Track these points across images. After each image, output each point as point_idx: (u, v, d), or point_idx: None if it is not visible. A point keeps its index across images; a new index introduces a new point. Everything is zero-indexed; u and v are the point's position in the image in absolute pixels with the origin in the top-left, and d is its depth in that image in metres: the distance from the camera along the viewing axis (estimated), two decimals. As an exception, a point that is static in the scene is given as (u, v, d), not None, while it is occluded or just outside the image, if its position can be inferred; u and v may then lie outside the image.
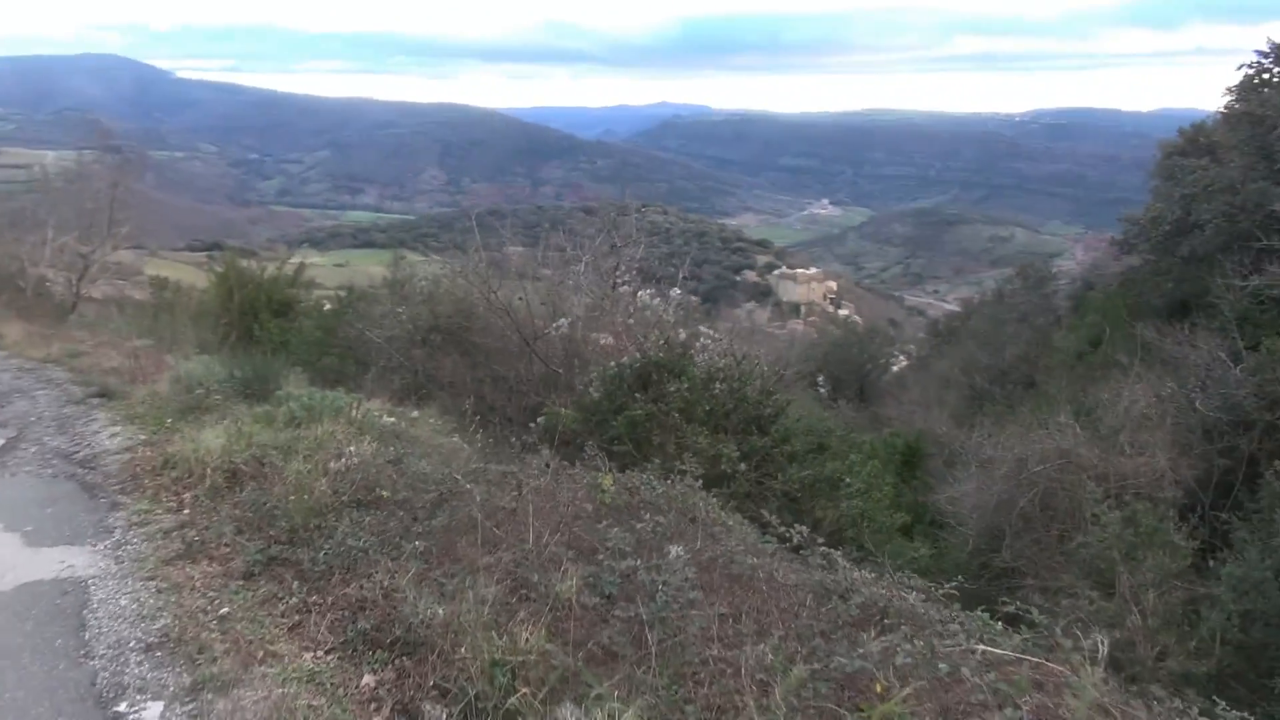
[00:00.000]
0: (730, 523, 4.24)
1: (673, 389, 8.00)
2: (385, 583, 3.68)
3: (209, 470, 5.62)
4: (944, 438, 16.11)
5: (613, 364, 8.39)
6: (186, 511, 5.18)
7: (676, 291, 9.85)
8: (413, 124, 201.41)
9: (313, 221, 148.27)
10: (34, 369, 10.09)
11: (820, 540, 4.10)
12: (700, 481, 5.53)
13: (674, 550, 3.46)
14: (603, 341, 9.56)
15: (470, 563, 3.64)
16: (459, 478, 4.29)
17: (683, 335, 8.94)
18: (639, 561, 3.46)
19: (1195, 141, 30.92)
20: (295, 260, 17.76)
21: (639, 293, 9.45)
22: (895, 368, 34.00)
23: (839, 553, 3.78)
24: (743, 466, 7.86)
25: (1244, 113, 17.11)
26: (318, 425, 6.34)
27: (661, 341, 8.53)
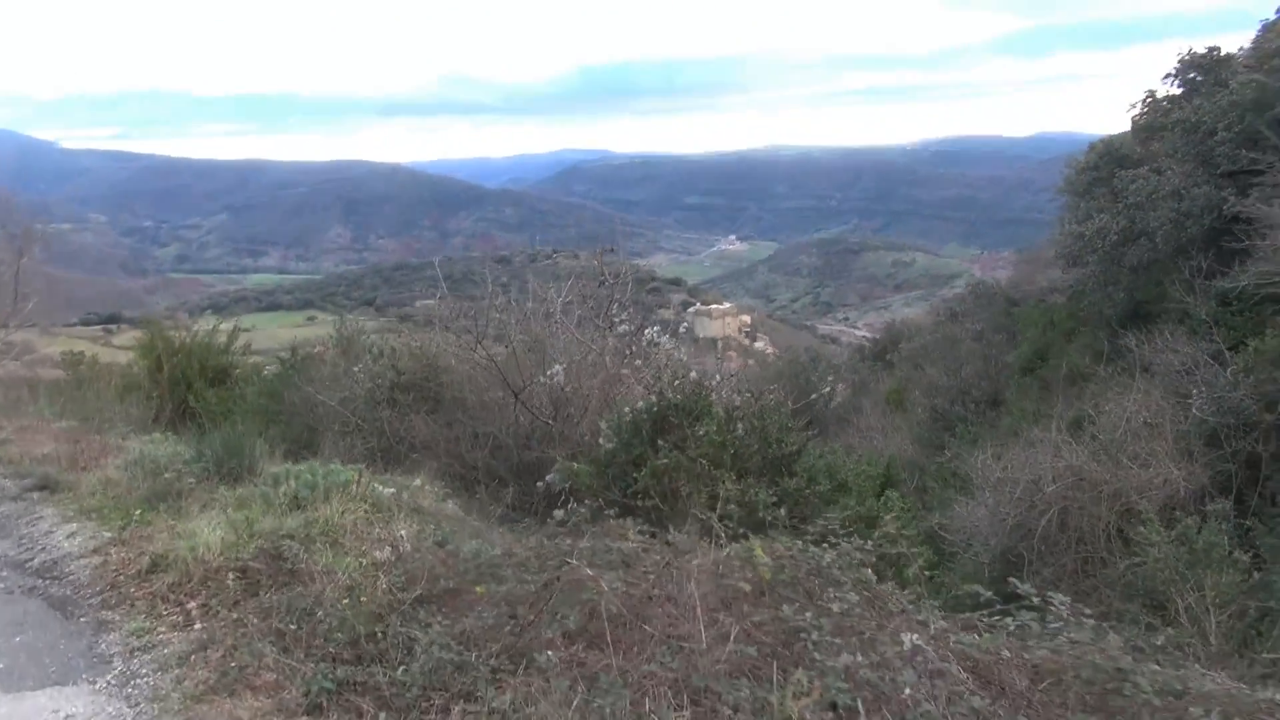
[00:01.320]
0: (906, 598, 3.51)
1: (701, 433, 7.28)
2: (515, 707, 2.85)
3: (213, 571, 4.68)
4: (922, 461, 15.69)
5: (627, 410, 7.63)
6: (199, 626, 4.23)
7: (651, 330, 9.18)
8: (313, 182, 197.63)
9: (214, 287, 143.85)
10: (-50, 463, 8.84)
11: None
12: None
13: (908, 639, 2.73)
14: (625, 387, 8.80)
15: (625, 674, 2.86)
16: (573, 560, 3.49)
17: (693, 374, 8.25)
18: (859, 657, 2.73)
19: (1107, 156, 31.96)
20: (226, 325, 16.52)
21: (645, 330, 8.75)
22: (837, 395, 33.83)
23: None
24: (782, 512, 7.17)
25: (1179, 121, 17.38)
26: (325, 505, 5.44)
27: (676, 381, 7.82)
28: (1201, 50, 19.40)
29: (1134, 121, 30.96)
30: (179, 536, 5.11)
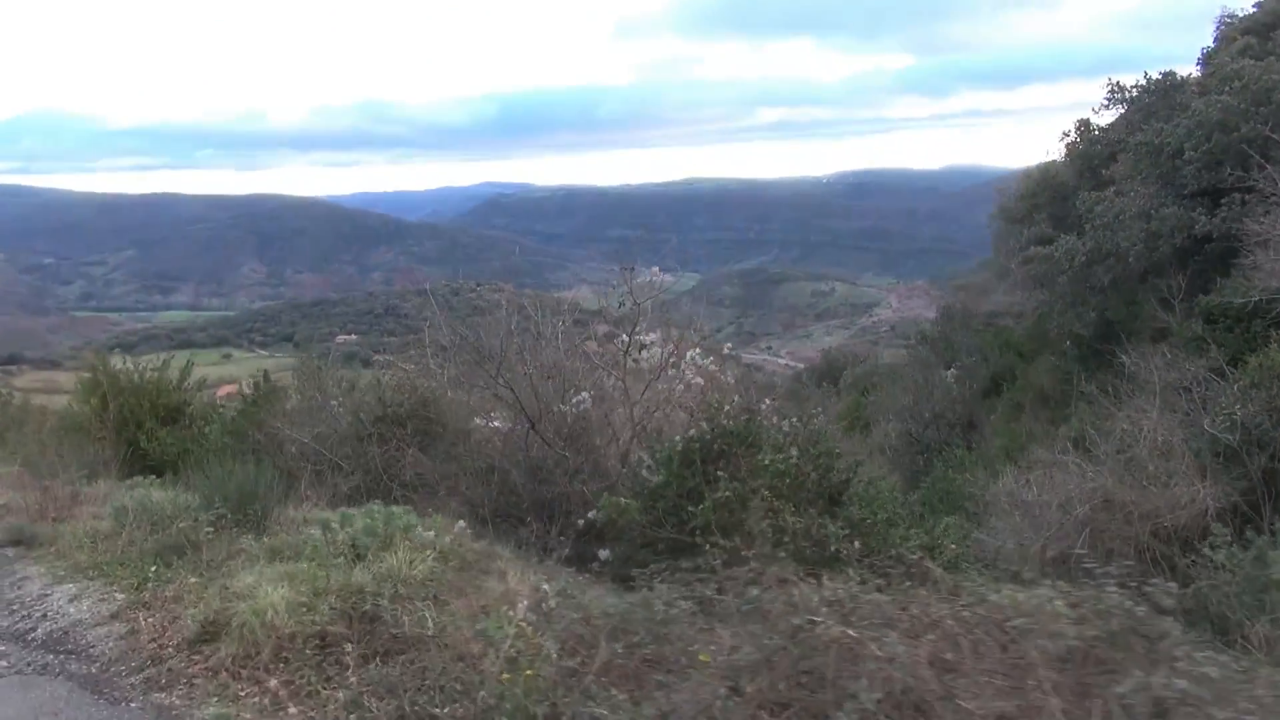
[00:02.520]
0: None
1: (766, 461, 6.69)
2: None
3: (286, 638, 3.91)
4: (903, 484, 15.37)
5: (677, 439, 7.01)
6: (294, 710, 3.46)
7: (693, 354, 8.58)
8: (226, 217, 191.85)
9: (122, 325, 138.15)
10: (-105, 517, 7.75)
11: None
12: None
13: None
14: (662, 414, 8.15)
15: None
16: (818, 619, 2.85)
17: (735, 399, 7.67)
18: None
19: (1044, 183, 32.66)
20: (179, 360, 15.34)
21: (689, 353, 8.15)
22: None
23: None
24: (856, 545, 6.63)
25: (1141, 143, 17.60)
26: (390, 554, 4.69)
27: (725, 407, 7.23)
28: (1155, 75, 19.79)
29: (1068, 149, 31.78)
30: (234, 597, 4.30)
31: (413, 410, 10.84)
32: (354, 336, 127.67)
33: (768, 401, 7.46)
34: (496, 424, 9.84)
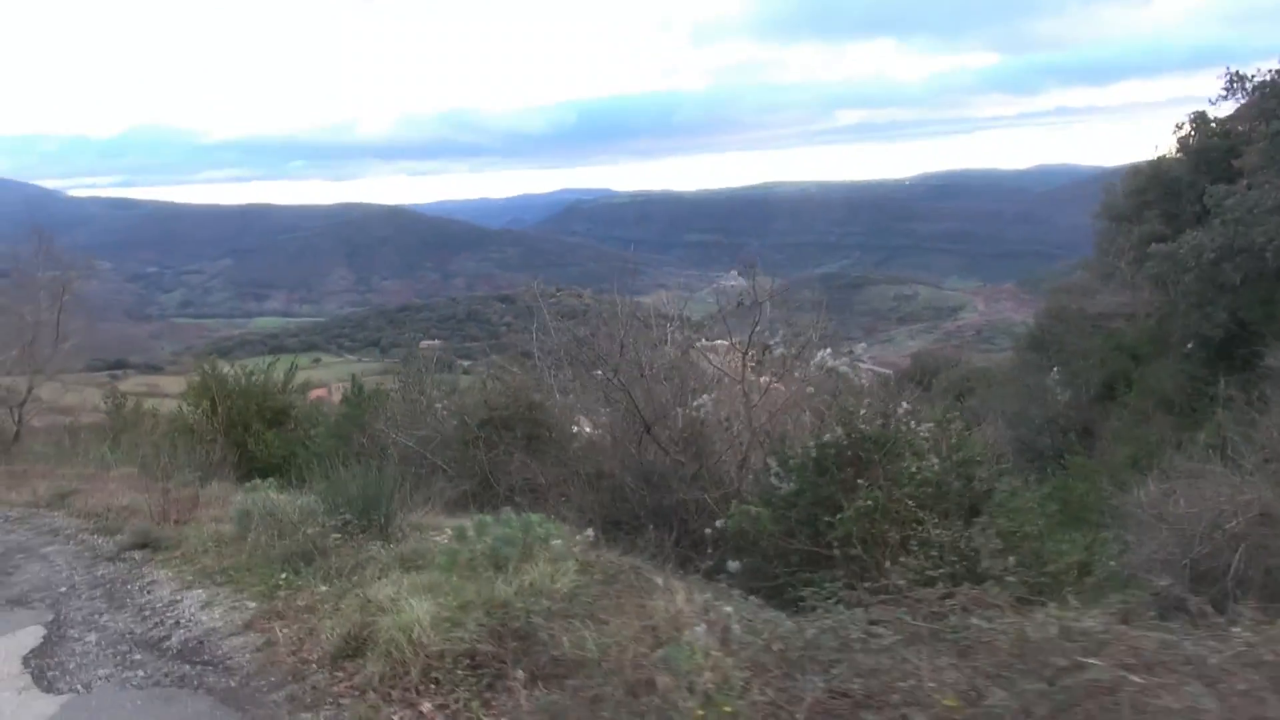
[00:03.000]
0: None
1: (914, 469, 6.26)
2: None
3: (434, 656, 3.65)
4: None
5: (811, 445, 6.62)
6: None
7: (822, 354, 8.16)
8: (316, 226, 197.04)
9: (219, 331, 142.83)
10: (23, 517, 7.85)
11: None
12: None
13: None
14: (791, 418, 7.78)
15: None
16: (1091, 660, 2.47)
17: (867, 402, 7.24)
18: None
19: (1155, 179, 31.22)
20: (283, 362, 15.51)
21: (820, 354, 7.77)
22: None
23: None
24: (1011, 561, 6.16)
25: (1277, 133, 16.54)
26: (532, 566, 4.41)
27: (860, 411, 6.82)
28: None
29: (1182, 143, 30.32)
30: (374, 610, 4.06)
31: (519, 414, 10.67)
32: (438, 341, 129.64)
33: (905, 405, 7.01)
34: (604, 430, 9.60)
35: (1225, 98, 28.34)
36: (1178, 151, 30.89)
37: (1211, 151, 28.38)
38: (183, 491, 7.92)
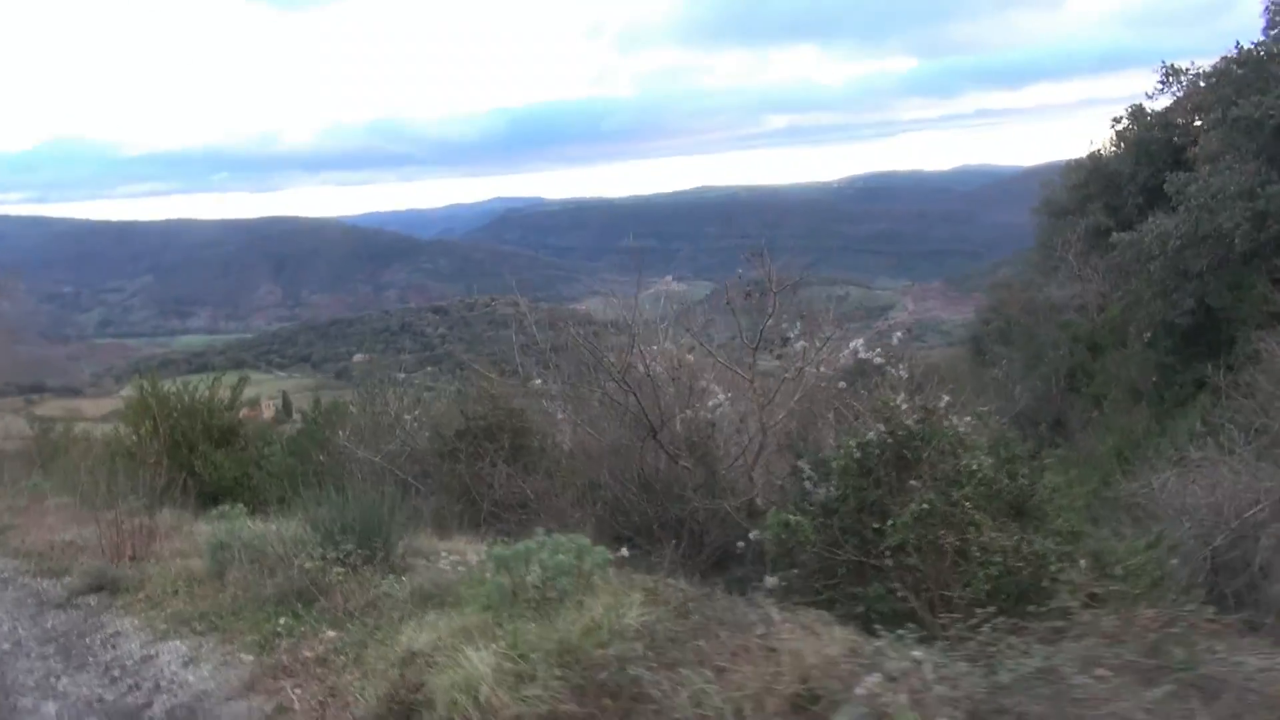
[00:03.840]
0: None
1: (974, 466, 5.70)
2: None
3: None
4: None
5: (851, 443, 6.01)
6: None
7: (856, 343, 7.55)
8: (241, 240, 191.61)
9: (141, 351, 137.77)
10: (-51, 560, 6.83)
11: None
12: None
13: None
14: (815, 417, 7.16)
15: None
16: None
17: (901, 397, 6.68)
18: None
19: (1096, 172, 31.57)
20: (229, 379, 14.43)
21: (853, 343, 7.15)
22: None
23: None
24: (1082, 564, 5.65)
25: (1239, 118, 16.53)
26: (593, 600, 3.71)
27: (902, 404, 6.25)
28: (1235, 51, 18.62)
29: (1120, 137, 30.72)
30: (424, 665, 3.32)
31: (499, 422, 9.91)
32: (371, 356, 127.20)
33: (945, 399, 6.46)
34: (594, 437, 8.91)
35: (1161, 91, 28.84)
36: (1115, 145, 31.33)
37: (1152, 143, 28.76)
38: (133, 522, 6.99)
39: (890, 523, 5.68)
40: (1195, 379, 16.60)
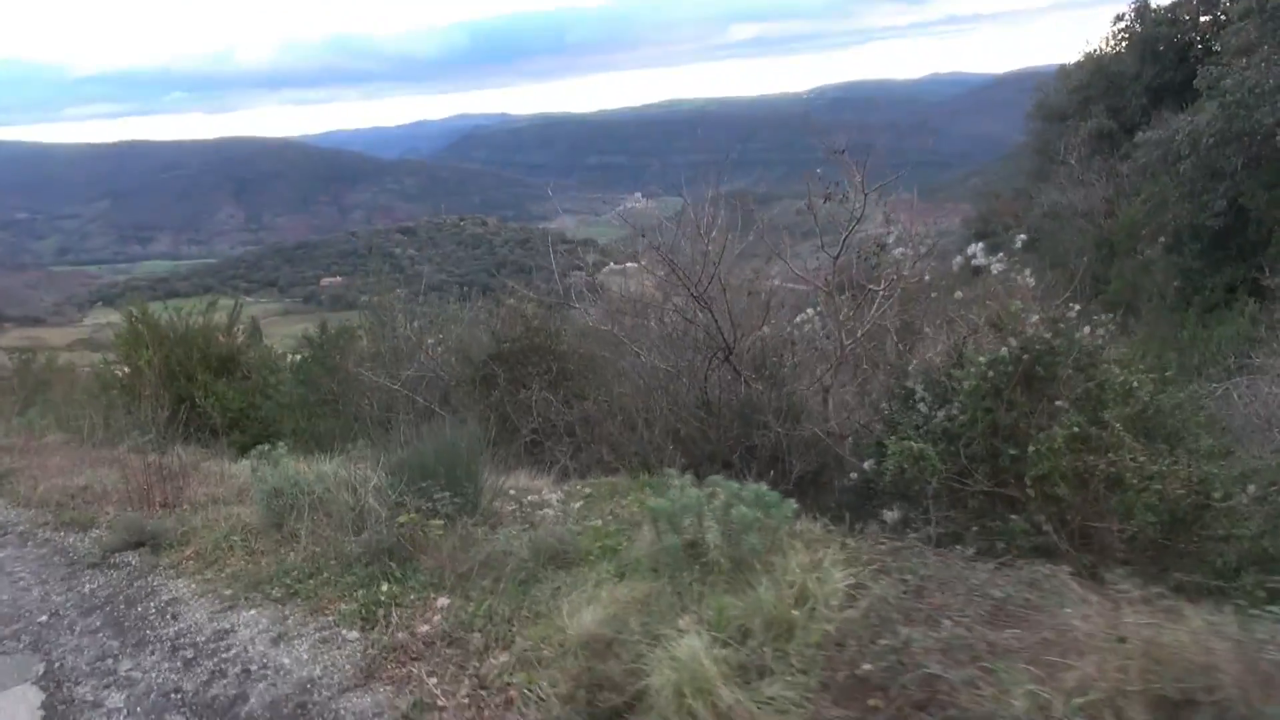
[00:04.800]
0: None
1: (1133, 384, 5.06)
2: None
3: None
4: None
5: (981, 359, 5.33)
6: None
7: (975, 247, 6.80)
8: (200, 163, 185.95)
9: (102, 278, 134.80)
10: (-54, 511, 6.05)
11: None
12: None
13: None
14: (914, 333, 6.46)
15: None
16: None
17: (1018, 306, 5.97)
18: None
19: (1098, 74, 30.64)
20: (226, 302, 13.48)
21: (973, 246, 6.40)
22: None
23: None
24: (1251, 488, 5.08)
25: (1277, 7, 15.71)
26: (785, 561, 3.03)
27: (1032, 316, 5.56)
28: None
29: (1125, 35, 29.74)
30: (621, 651, 2.64)
31: (534, 345, 9.16)
32: (339, 279, 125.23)
33: (1075, 308, 5.78)
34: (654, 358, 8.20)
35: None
36: (1118, 44, 30.37)
37: (1158, 41, 27.89)
38: (158, 463, 6.22)
39: (1032, 449, 5.05)
40: (1226, 283, 16.09)
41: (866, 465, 5.60)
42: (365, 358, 11.03)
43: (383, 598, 3.58)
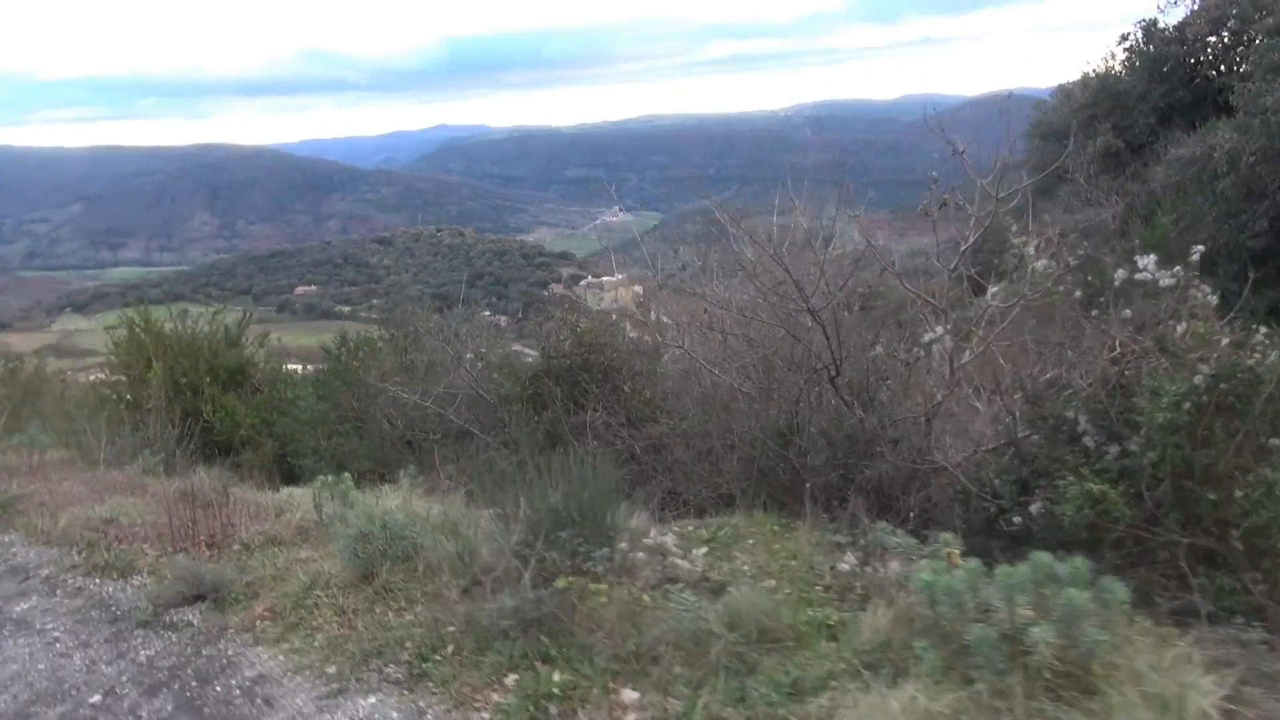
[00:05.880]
0: None
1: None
2: None
3: None
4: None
5: (1173, 388, 4.65)
6: None
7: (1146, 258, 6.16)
8: (173, 169, 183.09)
9: (71, 284, 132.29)
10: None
11: None
12: None
13: None
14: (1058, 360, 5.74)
15: None
16: None
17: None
18: None
19: (1103, 92, 30.42)
20: (233, 313, 12.58)
21: (1142, 260, 5.71)
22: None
23: None
24: None
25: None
26: (1134, 658, 2.30)
27: (1222, 338, 4.89)
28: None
29: (1133, 54, 29.52)
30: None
31: (588, 361, 8.41)
32: (314, 288, 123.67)
33: (1260, 329, 5.12)
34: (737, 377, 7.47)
35: (1174, 4, 27.80)
36: (1125, 64, 30.14)
37: (1167, 60, 27.66)
38: (171, 487, 5.39)
39: (1241, 493, 4.37)
40: (1267, 306, 15.62)
41: (1034, 507, 4.90)
42: (391, 372, 10.24)
43: (554, 689, 2.81)
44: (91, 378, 15.38)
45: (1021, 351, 6.42)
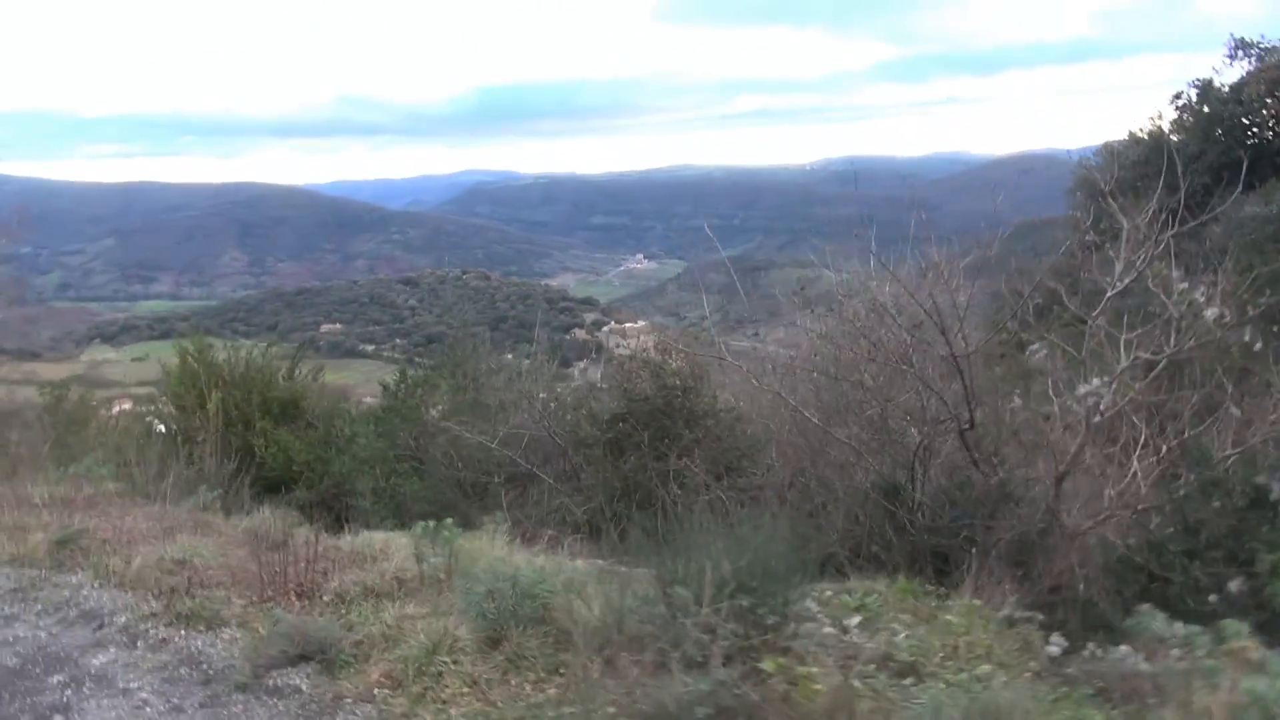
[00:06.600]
0: None
1: None
2: None
3: None
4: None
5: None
6: None
7: None
8: (206, 205, 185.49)
9: (102, 315, 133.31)
10: (23, 585, 4.73)
11: None
12: None
13: None
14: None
15: None
16: None
17: None
18: None
19: (1156, 150, 30.04)
20: (284, 349, 12.23)
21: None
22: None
23: None
24: None
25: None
26: None
27: None
28: None
29: (1183, 111, 29.18)
30: None
31: (671, 405, 7.94)
32: (339, 326, 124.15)
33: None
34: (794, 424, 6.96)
35: (1230, 65, 27.45)
36: (1178, 123, 29.81)
37: (1224, 120, 27.29)
38: (248, 529, 4.94)
39: None
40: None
41: (1233, 585, 4.37)
42: (454, 411, 9.81)
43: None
44: (116, 409, 15.06)
45: (1174, 406, 5.93)
